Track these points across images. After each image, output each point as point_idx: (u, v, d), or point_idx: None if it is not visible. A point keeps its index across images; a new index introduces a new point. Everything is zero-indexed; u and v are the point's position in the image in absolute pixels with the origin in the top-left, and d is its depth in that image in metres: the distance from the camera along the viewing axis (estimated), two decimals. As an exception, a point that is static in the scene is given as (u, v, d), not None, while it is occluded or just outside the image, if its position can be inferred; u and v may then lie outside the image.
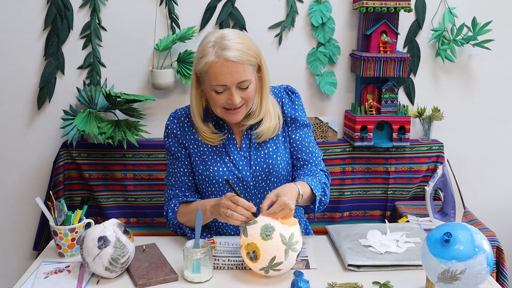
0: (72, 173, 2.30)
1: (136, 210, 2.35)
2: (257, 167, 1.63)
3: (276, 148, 1.66)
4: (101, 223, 1.43)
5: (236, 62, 1.48)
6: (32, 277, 1.44)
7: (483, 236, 1.22)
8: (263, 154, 1.64)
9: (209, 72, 1.49)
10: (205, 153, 1.65)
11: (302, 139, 1.69)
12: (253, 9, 2.29)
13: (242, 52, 1.49)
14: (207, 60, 1.49)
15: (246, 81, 1.51)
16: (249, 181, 1.64)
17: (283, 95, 1.69)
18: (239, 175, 1.63)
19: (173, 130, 1.68)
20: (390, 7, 2.18)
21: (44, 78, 2.29)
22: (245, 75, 1.50)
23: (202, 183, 1.67)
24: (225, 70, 1.48)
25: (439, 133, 2.44)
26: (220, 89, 1.51)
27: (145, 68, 2.32)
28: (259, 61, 1.57)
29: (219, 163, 1.64)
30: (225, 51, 1.47)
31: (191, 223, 1.61)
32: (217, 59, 1.48)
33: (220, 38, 1.50)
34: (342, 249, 1.55)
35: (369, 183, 2.39)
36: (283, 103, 1.68)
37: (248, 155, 1.65)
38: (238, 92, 1.52)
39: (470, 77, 2.43)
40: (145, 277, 1.41)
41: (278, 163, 1.65)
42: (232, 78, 1.49)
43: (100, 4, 2.24)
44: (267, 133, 1.63)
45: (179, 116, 1.69)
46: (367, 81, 2.31)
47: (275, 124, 1.64)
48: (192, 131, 1.67)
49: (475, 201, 2.43)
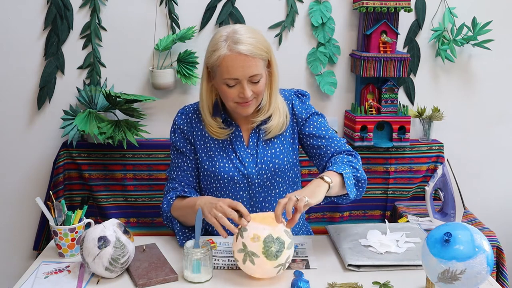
0: (72, 173, 2.30)
1: (136, 210, 2.35)
2: (263, 165, 1.64)
3: (283, 148, 1.67)
4: (101, 223, 1.43)
5: (248, 56, 1.49)
6: (32, 277, 1.44)
7: (483, 236, 1.22)
8: (270, 153, 1.65)
9: (222, 65, 1.51)
10: (211, 149, 1.66)
11: (318, 128, 1.68)
12: (253, 9, 2.29)
13: (254, 46, 1.50)
14: (219, 54, 1.50)
15: (257, 75, 1.53)
16: (254, 178, 1.64)
17: (293, 98, 1.71)
18: (244, 171, 1.64)
19: (180, 126, 1.69)
20: (390, 7, 2.18)
21: (44, 78, 2.29)
22: (257, 69, 1.52)
23: (206, 179, 1.68)
24: (238, 64, 1.50)
25: (439, 133, 2.44)
26: (232, 82, 1.53)
27: (145, 68, 2.32)
28: (270, 56, 1.59)
29: (225, 159, 1.65)
30: (238, 45, 1.49)
31: (183, 218, 1.60)
32: (229, 53, 1.49)
33: (232, 32, 1.52)
34: (342, 249, 1.55)
35: (369, 183, 2.38)
36: (294, 104, 1.69)
37: (255, 152, 1.66)
38: (250, 86, 1.54)
39: (470, 77, 2.43)
40: (145, 277, 1.41)
41: (284, 163, 1.66)
42: (244, 72, 1.51)
43: (100, 4, 2.25)
44: (276, 129, 1.64)
45: (187, 112, 1.71)
46: (367, 81, 2.31)
47: (283, 121, 1.65)
48: (200, 127, 1.68)
49: (475, 201, 2.43)
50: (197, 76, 2.26)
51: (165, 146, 2.28)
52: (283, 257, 1.37)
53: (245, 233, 1.37)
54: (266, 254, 1.35)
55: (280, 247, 1.35)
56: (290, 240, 1.39)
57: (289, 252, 1.39)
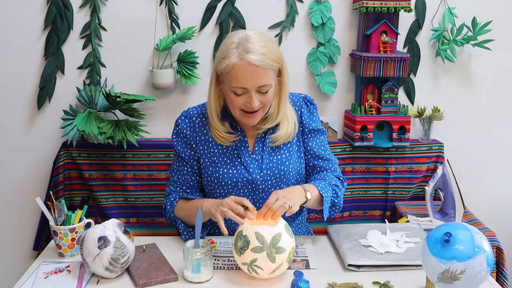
0: (72, 173, 2.30)
1: (136, 210, 2.35)
2: (269, 171, 1.63)
3: (289, 155, 1.65)
4: (101, 223, 1.43)
5: (259, 66, 1.46)
6: (32, 277, 1.44)
7: (483, 236, 1.23)
8: (275, 159, 1.64)
9: (230, 73, 1.49)
10: (215, 155, 1.65)
11: (319, 147, 1.69)
12: (253, 9, 2.29)
13: (265, 56, 1.47)
14: (229, 62, 1.48)
15: (266, 86, 1.50)
16: (259, 184, 1.63)
17: (302, 105, 1.69)
18: (248, 177, 1.62)
19: (182, 130, 1.68)
20: (390, 7, 2.18)
21: (44, 78, 2.29)
22: (266, 80, 1.49)
23: (210, 185, 1.67)
24: (247, 74, 1.47)
25: (439, 133, 2.44)
26: (240, 91, 1.51)
27: (145, 68, 2.32)
28: (281, 65, 1.56)
29: (229, 165, 1.63)
30: (249, 54, 1.46)
31: (188, 219, 1.62)
32: (240, 62, 1.47)
33: (244, 40, 1.49)
34: (342, 249, 1.55)
35: (369, 183, 2.39)
36: (302, 113, 1.68)
37: (261, 158, 1.64)
38: (258, 96, 1.51)
39: (470, 77, 2.43)
40: (145, 277, 1.41)
41: (290, 170, 1.65)
42: (253, 82, 1.48)
43: (100, 4, 2.24)
44: (283, 138, 1.63)
45: (191, 116, 1.69)
46: (367, 81, 2.31)
47: (291, 130, 1.64)
48: (203, 131, 1.66)
49: (475, 201, 2.43)
50: (197, 76, 2.26)
51: (165, 146, 2.27)
52: (247, 257, 1.36)
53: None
54: (235, 247, 1.39)
55: (243, 245, 1.36)
56: (258, 245, 1.35)
57: (254, 256, 1.35)
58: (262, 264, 1.36)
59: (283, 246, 1.37)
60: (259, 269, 1.37)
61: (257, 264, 1.36)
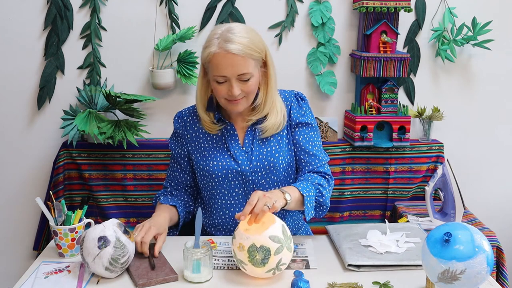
0: (72, 173, 2.30)
1: (136, 210, 2.35)
2: (258, 163, 1.65)
3: (279, 148, 1.67)
4: (101, 223, 1.43)
5: (237, 55, 1.51)
6: (32, 277, 1.44)
7: (483, 236, 1.22)
8: (265, 151, 1.66)
9: (211, 62, 1.54)
10: (205, 149, 1.69)
11: (306, 141, 1.69)
12: (253, 9, 2.29)
13: (244, 45, 1.51)
14: (209, 51, 1.53)
15: (246, 74, 1.54)
16: (248, 176, 1.65)
17: (292, 100, 1.71)
18: (238, 169, 1.65)
19: (176, 130, 1.75)
20: (390, 7, 2.18)
21: (44, 78, 2.29)
22: (246, 68, 1.53)
23: (203, 178, 1.71)
24: (226, 62, 1.52)
25: (439, 133, 2.44)
26: (221, 79, 1.55)
27: (145, 68, 2.32)
28: (264, 56, 1.60)
29: (219, 157, 1.67)
30: (228, 43, 1.51)
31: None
32: (219, 50, 1.52)
33: (226, 30, 1.54)
34: (342, 249, 1.55)
35: (369, 183, 2.39)
36: (291, 107, 1.70)
37: (250, 150, 1.66)
38: (239, 84, 1.55)
39: (470, 77, 2.43)
40: (145, 277, 1.41)
41: (280, 162, 1.66)
42: (232, 70, 1.52)
43: (100, 4, 2.25)
44: (272, 128, 1.65)
45: (183, 115, 1.75)
46: (367, 81, 2.31)
47: (280, 121, 1.66)
48: (194, 128, 1.71)
49: (475, 201, 2.43)
50: (197, 76, 2.26)
51: (165, 146, 2.27)
52: (271, 263, 1.36)
53: (234, 241, 1.40)
54: (252, 262, 1.36)
55: (265, 255, 1.35)
56: (278, 245, 1.35)
57: (279, 257, 1.36)
58: (285, 260, 1.39)
59: (289, 233, 1.42)
60: (283, 265, 1.40)
61: (283, 262, 1.39)
